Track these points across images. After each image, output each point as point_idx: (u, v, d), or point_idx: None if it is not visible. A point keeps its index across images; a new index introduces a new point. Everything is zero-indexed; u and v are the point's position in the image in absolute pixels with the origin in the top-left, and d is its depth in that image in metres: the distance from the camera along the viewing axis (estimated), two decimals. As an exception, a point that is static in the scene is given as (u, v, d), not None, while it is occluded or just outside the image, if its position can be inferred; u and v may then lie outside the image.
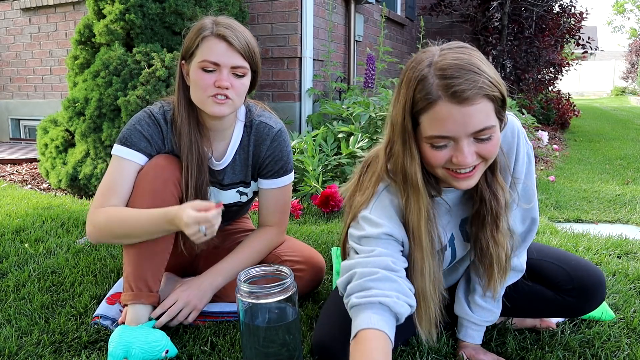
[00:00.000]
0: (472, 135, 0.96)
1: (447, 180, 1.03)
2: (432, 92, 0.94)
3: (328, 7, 4.44)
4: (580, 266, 1.28)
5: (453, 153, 0.97)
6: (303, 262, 1.55)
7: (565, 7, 7.20)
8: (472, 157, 0.96)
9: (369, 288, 1.01)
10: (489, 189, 1.08)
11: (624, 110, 12.65)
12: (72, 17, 5.02)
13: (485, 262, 1.15)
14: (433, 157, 0.99)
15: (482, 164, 1.01)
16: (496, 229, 1.10)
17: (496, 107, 0.97)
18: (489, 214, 1.09)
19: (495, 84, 0.95)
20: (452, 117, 0.93)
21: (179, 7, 3.18)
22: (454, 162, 0.97)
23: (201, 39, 1.33)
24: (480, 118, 0.93)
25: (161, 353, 1.27)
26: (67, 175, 3.18)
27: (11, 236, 2.22)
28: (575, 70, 8.32)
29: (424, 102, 0.95)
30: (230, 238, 1.72)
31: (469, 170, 0.99)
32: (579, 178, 4.00)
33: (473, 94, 0.91)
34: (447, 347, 1.33)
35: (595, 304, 1.29)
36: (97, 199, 1.37)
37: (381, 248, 1.06)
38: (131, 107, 2.95)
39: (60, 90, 5.26)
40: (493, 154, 1.00)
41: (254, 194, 1.63)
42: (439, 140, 0.97)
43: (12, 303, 1.59)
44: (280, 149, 1.52)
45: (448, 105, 0.93)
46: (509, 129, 1.12)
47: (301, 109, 4.24)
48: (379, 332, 0.95)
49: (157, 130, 1.43)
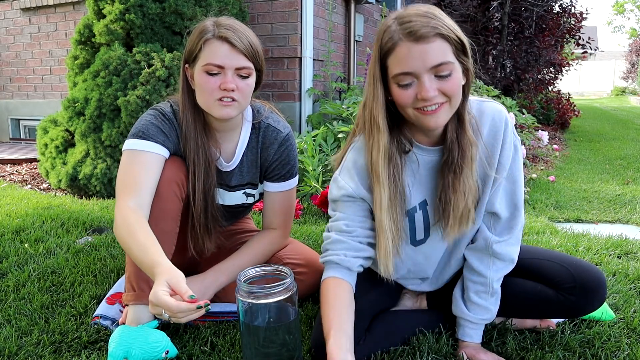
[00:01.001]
0: (432, 72, 1.07)
1: (418, 121, 1.13)
2: (394, 36, 1.08)
3: (328, 7, 4.44)
4: (581, 266, 1.29)
5: (417, 90, 1.08)
6: (305, 265, 1.55)
7: (565, 7, 7.20)
8: (433, 91, 1.07)
9: (326, 250, 1.25)
10: (457, 140, 1.17)
11: (624, 110, 12.65)
12: (72, 17, 5.02)
13: (447, 210, 1.21)
14: (401, 96, 1.10)
15: (447, 104, 1.11)
16: (456, 178, 1.18)
17: (453, 48, 1.08)
18: (453, 163, 1.18)
19: (451, 29, 1.08)
20: (410, 54, 1.06)
21: (179, 7, 3.18)
22: (419, 98, 1.08)
23: (204, 42, 1.32)
24: (437, 54, 1.05)
25: (161, 353, 1.27)
26: (67, 175, 3.18)
27: (11, 236, 2.22)
28: (575, 70, 8.32)
29: (388, 45, 1.09)
30: (233, 238, 1.72)
31: (434, 107, 1.09)
32: (579, 178, 4.00)
33: (426, 32, 1.04)
34: (447, 347, 1.33)
35: (596, 304, 1.29)
36: (120, 197, 1.30)
37: (339, 212, 1.25)
38: (131, 107, 2.95)
39: (60, 90, 5.26)
40: (454, 92, 1.09)
41: (260, 195, 1.63)
42: (403, 77, 1.08)
43: (12, 303, 1.59)
44: (288, 153, 1.52)
45: (407, 44, 1.06)
46: (497, 115, 1.21)
47: (301, 109, 4.24)
48: (334, 279, 1.21)
49: (173, 128, 1.41)
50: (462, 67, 1.12)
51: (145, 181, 1.31)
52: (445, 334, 1.37)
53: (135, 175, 1.32)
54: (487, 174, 1.22)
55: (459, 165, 1.18)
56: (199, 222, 1.46)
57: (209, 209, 1.46)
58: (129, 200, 1.28)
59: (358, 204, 1.24)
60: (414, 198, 1.25)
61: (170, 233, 1.39)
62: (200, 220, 1.46)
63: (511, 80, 6.56)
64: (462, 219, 1.21)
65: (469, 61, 1.12)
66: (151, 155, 1.35)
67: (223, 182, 1.53)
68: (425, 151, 1.23)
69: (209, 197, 1.44)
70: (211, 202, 1.46)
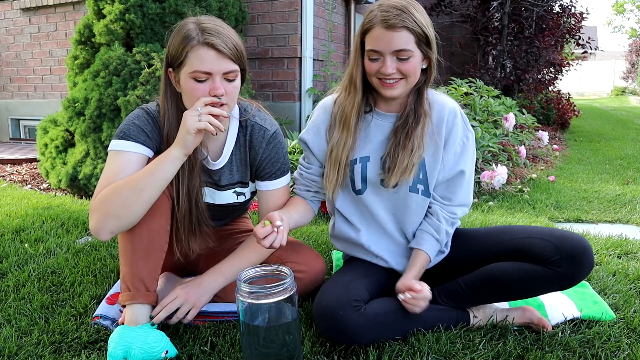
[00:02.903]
0: (394, 54, 1.35)
1: (379, 89, 1.42)
2: (373, 20, 1.36)
3: (328, 7, 4.44)
4: (564, 236, 1.34)
5: (381, 65, 1.36)
6: (303, 263, 1.55)
7: (566, 7, 7.19)
8: (392, 69, 1.35)
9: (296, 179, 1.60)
10: (414, 110, 1.46)
11: (624, 110, 12.65)
12: (72, 17, 5.02)
13: (394, 161, 1.43)
14: (369, 66, 1.40)
15: (403, 81, 1.39)
16: (407, 138, 1.43)
17: (416, 39, 1.35)
18: (407, 126, 1.44)
19: (418, 24, 1.34)
20: (380, 37, 1.34)
21: (179, 7, 3.18)
22: (381, 71, 1.37)
23: (190, 48, 1.30)
24: (400, 42, 1.33)
25: (161, 353, 1.27)
26: (67, 175, 3.18)
27: (11, 236, 2.22)
28: (575, 70, 8.31)
29: (367, 26, 1.37)
30: (231, 238, 1.71)
31: (393, 81, 1.38)
32: (579, 178, 4.00)
33: (395, 22, 1.32)
34: (447, 347, 1.33)
35: (585, 271, 1.32)
36: (95, 193, 1.34)
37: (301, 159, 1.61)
38: (131, 107, 2.95)
39: (60, 90, 5.26)
40: (410, 73, 1.37)
41: (251, 194, 1.62)
42: (372, 53, 1.37)
43: (12, 303, 1.59)
44: (277, 151, 1.52)
45: (380, 29, 1.34)
46: (451, 111, 1.48)
47: (301, 109, 4.24)
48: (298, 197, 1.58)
49: (156, 127, 1.42)
50: (423, 55, 1.39)
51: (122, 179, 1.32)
52: (444, 333, 1.37)
53: (114, 173, 1.33)
54: (438, 146, 1.45)
55: (412, 128, 1.44)
56: (183, 224, 1.45)
57: (193, 211, 1.46)
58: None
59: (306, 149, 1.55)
60: (359, 152, 1.49)
61: (160, 231, 1.38)
62: (184, 222, 1.45)
63: (511, 80, 6.56)
64: (405, 171, 1.43)
65: (430, 51, 1.39)
66: (130, 155, 1.36)
67: (212, 181, 1.52)
68: (382, 116, 1.50)
69: (194, 198, 1.43)
70: (196, 203, 1.45)
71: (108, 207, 1.28)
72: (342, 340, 1.32)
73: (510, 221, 2.57)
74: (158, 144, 1.42)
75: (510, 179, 3.65)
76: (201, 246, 1.52)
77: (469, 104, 3.73)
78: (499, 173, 3.08)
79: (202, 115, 1.28)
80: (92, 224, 1.31)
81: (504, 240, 1.44)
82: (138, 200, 1.28)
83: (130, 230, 1.33)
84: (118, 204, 1.28)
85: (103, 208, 1.29)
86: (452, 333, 1.39)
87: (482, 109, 3.79)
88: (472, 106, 3.71)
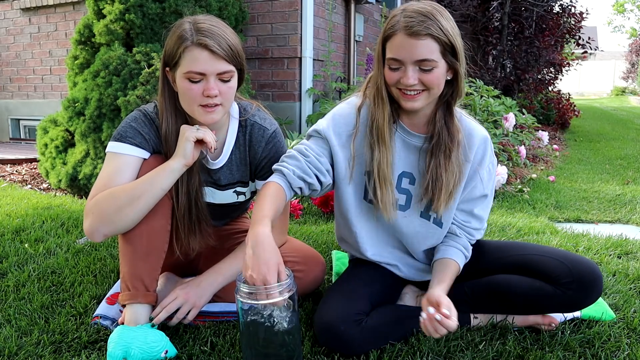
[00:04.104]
0: (417, 64, 1.24)
1: (399, 99, 1.31)
2: (395, 25, 1.25)
3: (328, 7, 4.44)
4: (578, 260, 1.33)
5: (402, 75, 1.26)
6: (303, 263, 1.55)
7: (565, 7, 7.20)
8: (414, 80, 1.24)
9: (282, 161, 1.38)
10: (446, 127, 1.35)
11: (624, 110, 12.65)
12: (72, 17, 5.02)
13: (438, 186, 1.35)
14: (389, 76, 1.29)
15: (425, 93, 1.28)
16: (446, 158, 1.34)
17: (442, 49, 1.23)
18: (443, 144, 1.34)
19: (444, 31, 1.22)
20: (402, 45, 1.24)
21: (179, 7, 3.18)
22: (402, 82, 1.26)
23: (183, 49, 1.30)
24: (424, 51, 1.22)
25: (160, 353, 1.27)
26: (67, 175, 3.18)
27: (11, 236, 2.22)
28: (575, 70, 8.32)
29: (389, 31, 1.27)
30: (230, 238, 1.71)
31: (414, 93, 1.28)
32: (579, 178, 4.00)
33: (420, 30, 1.20)
34: (447, 347, 1.33)
35: (594, 297, 1.31)
36: (90, 197, 1.35)
37: (305, 141, 1.43)
38: (131, 107, 2.95)
39: (60, 90, 5.26)
40: (433, 85, 1.26)
41: (251, 194, 1.62)
42: (393, 62, 1.26)
43: (12, 303, 1.59)
44: (276, 150, 1.51)
45: (402, 36, 1.23)
46: (482, 140, 1.39)
47: (301, 109, 4.24)
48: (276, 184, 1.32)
49: (153, 128, 1.42)
50: (448, 65, 1.27)
51: (116, 183, 1.33)
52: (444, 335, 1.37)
53: (110, 176, 1.34)
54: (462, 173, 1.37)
55: (448, 148, 1.34)
56: (183, 223, 1.45)
57: (193, 210, 1.46)
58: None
59: (322, 141, 1.40)
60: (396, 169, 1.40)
61: (161, 231, 1.38)
62: (184, 220, 1.45)
63: (511, 80, 6.56)
64: (450, 196, 1.35)
65: (457, 62, 1.27)
66: (127, 157, 1.37)
67: (212, 181, 1.52)
68: (409, 134, 1.40)
69: (193, 197, 1.43)
70: (196, 202, 1.45)
71: (103, 211, 1.30)
72: (343, 351, 1.29)
73: (510, 221, 2.57)
74: (156, 144, 1.42)
75: (510, 179, 3.65)
76: (201, 245, 1.53)
77: (469, 103, 3.73)
78: (499, 173, 3.08)
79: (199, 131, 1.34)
80: (86, 225, 1.33)
81: (516, 254, 1.41)
82: (133, 208, 1.30)
83: (130, 230, 1.34)
84: (113, 210, 1.29)
85: (98, 212, 1.31)
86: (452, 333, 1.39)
87: (482, 108, 3.79)
88: (472, 106, 3.71)
